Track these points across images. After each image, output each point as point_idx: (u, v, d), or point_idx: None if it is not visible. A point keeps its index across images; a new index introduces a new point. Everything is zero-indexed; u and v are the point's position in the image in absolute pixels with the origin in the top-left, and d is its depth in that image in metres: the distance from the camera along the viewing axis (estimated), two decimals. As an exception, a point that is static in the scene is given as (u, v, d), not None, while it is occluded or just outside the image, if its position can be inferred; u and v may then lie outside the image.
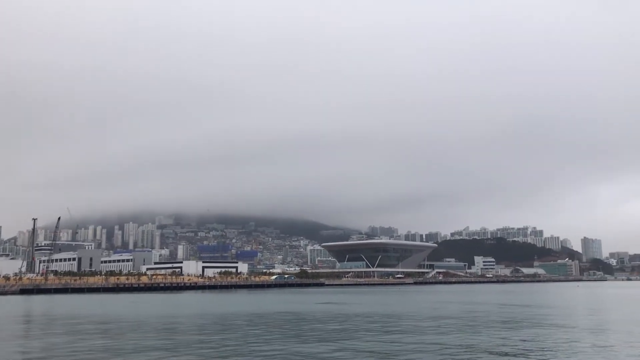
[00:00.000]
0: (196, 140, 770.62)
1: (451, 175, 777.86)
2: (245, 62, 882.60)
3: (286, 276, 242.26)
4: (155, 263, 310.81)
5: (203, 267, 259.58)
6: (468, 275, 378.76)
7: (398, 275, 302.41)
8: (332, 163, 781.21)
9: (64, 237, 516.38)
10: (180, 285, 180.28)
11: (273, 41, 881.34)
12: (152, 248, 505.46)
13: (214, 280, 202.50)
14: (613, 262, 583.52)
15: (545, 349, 33.01)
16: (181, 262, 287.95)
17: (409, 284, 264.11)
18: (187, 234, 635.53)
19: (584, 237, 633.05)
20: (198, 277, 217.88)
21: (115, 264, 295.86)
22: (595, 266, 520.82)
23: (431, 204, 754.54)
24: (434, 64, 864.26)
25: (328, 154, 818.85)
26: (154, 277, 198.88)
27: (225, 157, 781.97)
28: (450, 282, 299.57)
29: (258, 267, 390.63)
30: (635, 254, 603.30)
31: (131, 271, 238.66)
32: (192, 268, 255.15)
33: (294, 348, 34.06)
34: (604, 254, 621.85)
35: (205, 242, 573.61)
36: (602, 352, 31.93)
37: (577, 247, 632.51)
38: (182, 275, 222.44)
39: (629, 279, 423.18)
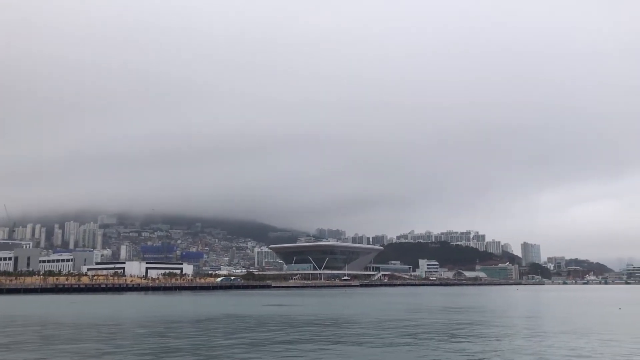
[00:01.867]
0: (143, 138, 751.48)
1: (399, 178, 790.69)
2: (195, 58, 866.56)
3: (232, 278, 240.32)
4: (97, 263, 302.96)
5: (146, 268, 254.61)
6: (412, 277, 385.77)
7: (345, 278, 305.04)
8: (281, 164, 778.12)
9: (0, 235, 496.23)
10: (123, 286, 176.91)
11: (227, 37, 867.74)
12: (94, 248, 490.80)
13: (157, 281, 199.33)
14: (551, 266, 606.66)
15: (486, 350, 34.00)
16: (124, 263, 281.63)
17: (355, 286, 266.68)
18: (130, 234, 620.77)
19: (524, 242, 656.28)
20: (141, 278, 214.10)
21: (55, 263, 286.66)
22: (534, 270, 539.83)
23: (379, 207, 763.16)
24: (385, 69, 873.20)
25: (277, 154, 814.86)
26: (95, 277, 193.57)
27: (173, 156, 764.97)
28: (395, 285, 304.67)
29: (204, 268, 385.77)
30: (571, 259, 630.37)
31: (71, 271, 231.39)
32: (135, 269, 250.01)
33: (242, 355, 33.80)
34: (543, 258, 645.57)
35: (149, 243, 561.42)
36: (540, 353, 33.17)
37: (517, 251, 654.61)
38: (125, 276, 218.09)
39: (565, 283, 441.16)
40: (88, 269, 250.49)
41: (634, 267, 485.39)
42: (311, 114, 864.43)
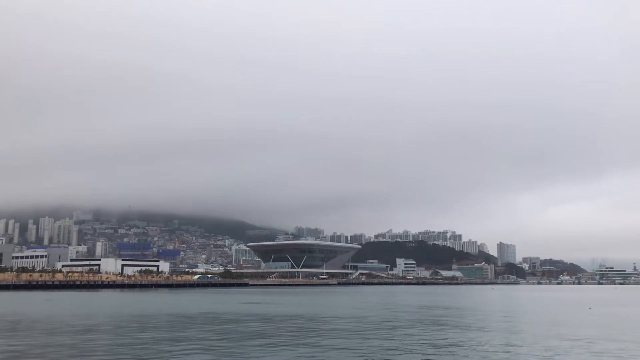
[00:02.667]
0: (120, 133, 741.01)
1: (380, 177, 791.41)
2: (175, 53, 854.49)
3: (209, 276, 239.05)
4: (72, 260, 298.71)
5: (122, 265, 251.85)
6: (390, 276, 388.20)
7: (322, 276, 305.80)
8: (260, 162, 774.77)
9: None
10: (98, 283, 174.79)
11: (205, 32, 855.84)
12: (69, 244, 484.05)
13: (133, 278, 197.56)
14: (526, 266, 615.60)
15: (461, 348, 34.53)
16: (99, 260, 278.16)
17: (333, 284, 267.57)
18: (106, 231, 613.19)
19: (500, 242, 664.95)
20: (117, 275, 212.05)
21: (29, 260, 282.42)
22: (509, 270, 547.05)
23: (358, 206, 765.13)
24: (366, 66, 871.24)
25: (256, 152, 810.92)
26: (70, 274, 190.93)
27: (151, 152, 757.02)
28: (373, 283, 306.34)
29: (180, 266, 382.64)
30: (545, 259, 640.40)
31: (45, 268, 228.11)
32: (110, 266, 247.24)
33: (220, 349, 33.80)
34: (518, 258, 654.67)
35: (125, 240, 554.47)
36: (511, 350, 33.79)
37: (493, 251, 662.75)
38: (100, 273, 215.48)
39: (539, 283, 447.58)
40: (63, 266, 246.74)
41: (606, 268, 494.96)
42: (291, 111, 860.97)
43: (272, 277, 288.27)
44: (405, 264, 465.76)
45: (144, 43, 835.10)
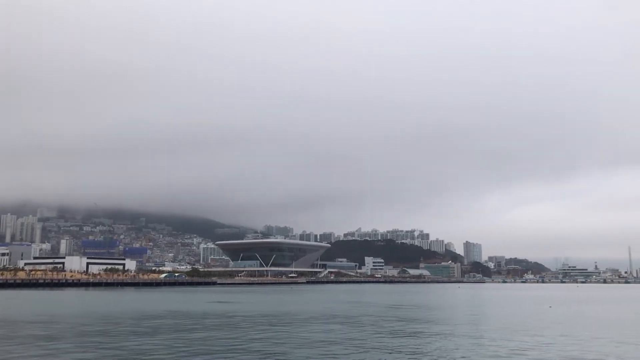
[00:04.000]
0: (86, 130, 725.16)
1: (350, 176, 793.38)
2: (145, 49, 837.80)
3: (177, 274, 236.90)
4: (35, 258, 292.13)
5: (87, 263, 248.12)
6: (358, 275, 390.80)
7: (291, 275, 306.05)
8: (230, 159, 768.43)
9: None
10: (62, 282, 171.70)
11: (178, 28, 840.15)
12: (32, 242, 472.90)
13: (99, 277, 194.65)
14: (491, 265, 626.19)
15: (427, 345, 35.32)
16: (64, 258, 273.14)
17: (302, 283, 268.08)
18: (71, 228, 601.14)
19: (466, 241, 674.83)
20: (82, 273, 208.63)
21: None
22: (475, 269, 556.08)
23: (329, 204, 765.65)
24: (338, 63, 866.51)
25: (226, 150, 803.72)
26: (33, 272, 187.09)
27: (119, 149, 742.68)
28: (341, 282, 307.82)
29: (147, 264, 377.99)
30: (510, 258, 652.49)
31: (7, 266, 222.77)
32: (75, 264, 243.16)
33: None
34: (484, 257, 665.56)
35: (90, 237, 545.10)
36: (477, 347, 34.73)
37: (460, 250, 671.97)
38: (65, 271, 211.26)
39: (504, 281, 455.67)
40: (25, 264, 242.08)
41: (569, 267, 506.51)
42: (264, 109, 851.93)
43: (240, 276, 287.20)
44: (373, 262, 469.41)
45: (112, 36, 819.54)
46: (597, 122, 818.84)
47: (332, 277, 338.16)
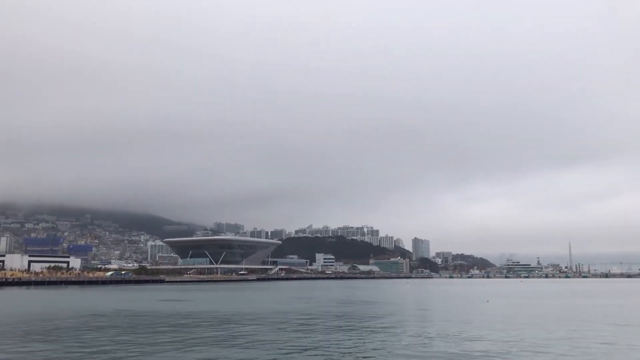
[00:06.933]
0: (30, 124, 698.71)
1: (303, 172, 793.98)
2: (101, 40, 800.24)
3: (123, 272, 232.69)
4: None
5: (29, 262, 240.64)
6: (309, 271, 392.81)
7: (241, 272, 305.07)
8: (179, 155, 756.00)
9: None
10: (2, 280, 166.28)
11: (138, 17, 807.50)
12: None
13: (41, 275, 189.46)
14: (439, 261, 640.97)
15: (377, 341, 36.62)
16: (4, 256, 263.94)
17: (252, 280, 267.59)
18: (12, 225, 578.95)
19: (415, 238, 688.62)
20: (23, 272, 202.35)
21: None
22: (423, 264, 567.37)
23: (281, 201, 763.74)
24: (298, 58, 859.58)
25: (175, 145, 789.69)
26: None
27: (64, 143, 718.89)
28: (292, 279, 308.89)
29: (92, 262, 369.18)
30: (457, 254, 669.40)
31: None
32: (16, 262, 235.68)
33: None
34: (432, 253, 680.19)
35: (33, 235, 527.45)
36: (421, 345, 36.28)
37: (408, 246, 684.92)
38: (5, 269, 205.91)
39: (451, 277, 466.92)
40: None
41: (512, 263, 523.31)
42: (216, 103, 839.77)
43: (189, 274, 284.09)
44: (324, 259, 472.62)
45: (59, 26, 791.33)
46: (551, 120, 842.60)
47: (282, 274, 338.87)
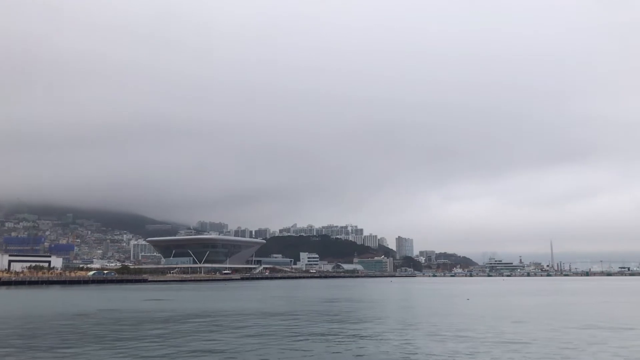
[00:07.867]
0: (10, 121, 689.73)
1: (288, 171, 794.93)
2: (78, 34, 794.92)
3: (105, 272, 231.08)
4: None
5: (9, 261, 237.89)
6: (294, 270, 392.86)
7: (225, 271, 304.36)
8: (162, 154, 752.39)
9: None
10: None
11: (132, 14, 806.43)
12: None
13: (22, 275, 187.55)
14: (422, 259, 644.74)
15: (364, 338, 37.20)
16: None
17: (236, 279, 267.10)
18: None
19: (399, 237, 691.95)
20: (3, 271, 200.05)
21: None
22: (407, 263, 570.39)
23: (265, 200, 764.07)
24: (282, 56, 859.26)
25: (159, 143, 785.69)
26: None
27: (46, 141, 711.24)
28: (276, 278, 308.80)
29: (74, 261, 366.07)
30: (440, 253, 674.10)
31: None
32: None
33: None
34: (415, 252, 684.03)
35: (13, 234, 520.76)
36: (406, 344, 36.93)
37: (392, 245, 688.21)
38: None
39: (434, 275, 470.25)
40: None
41: (495, 261, 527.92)
42: (196, 100, 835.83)
43: (172, 273, 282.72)
44: (308, 258, 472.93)
45: (41, 21, 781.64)
46: (533, 120, 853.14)
47: (267, 273, 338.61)
